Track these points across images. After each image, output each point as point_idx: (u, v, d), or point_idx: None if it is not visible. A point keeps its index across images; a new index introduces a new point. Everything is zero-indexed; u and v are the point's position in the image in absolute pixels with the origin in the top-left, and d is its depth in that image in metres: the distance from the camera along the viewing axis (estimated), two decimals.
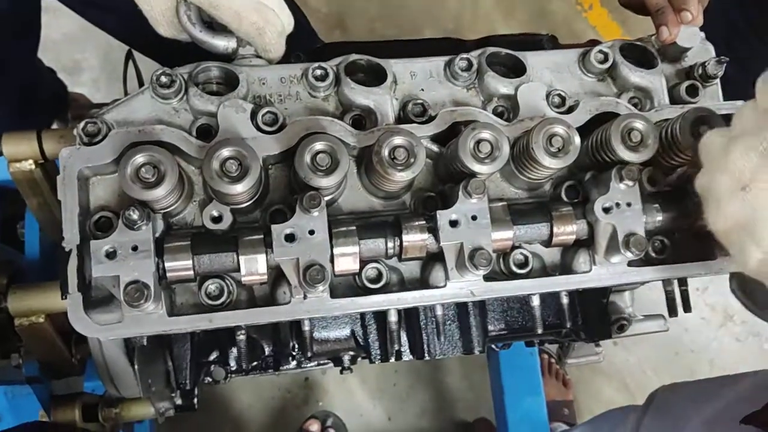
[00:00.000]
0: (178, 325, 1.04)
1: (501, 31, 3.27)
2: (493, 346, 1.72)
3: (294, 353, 1.45)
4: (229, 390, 2.72)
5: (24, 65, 2.02)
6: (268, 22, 1.12)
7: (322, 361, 1.63)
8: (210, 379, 1.56)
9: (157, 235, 1.03)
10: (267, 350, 1.52)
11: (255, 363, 1.53)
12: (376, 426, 2.80)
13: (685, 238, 1.18)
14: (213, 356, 1.50)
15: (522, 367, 2.38)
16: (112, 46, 1.75)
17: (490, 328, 1.46)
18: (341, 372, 1.58)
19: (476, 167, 1.05)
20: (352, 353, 1.47)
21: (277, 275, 1.11)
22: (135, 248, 0.98)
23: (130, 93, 1.14)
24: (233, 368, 1.50)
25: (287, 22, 1.16)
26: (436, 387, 2.88)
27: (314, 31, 2.29)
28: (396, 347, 1.21)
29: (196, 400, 1.61)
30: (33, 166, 1.37)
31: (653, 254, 1.16)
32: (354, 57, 1.18)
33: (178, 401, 1.58)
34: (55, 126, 2.48)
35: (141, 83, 1.66)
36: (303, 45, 1.44)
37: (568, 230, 1.10)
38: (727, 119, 1.11)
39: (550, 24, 3.35)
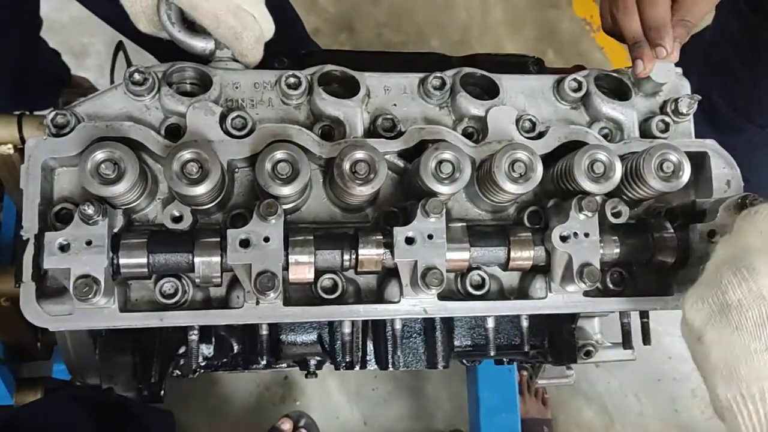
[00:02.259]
0: (129, 322, 1.05)
1: (508, 46, 3.28)
2: (462, 362, 1.72)
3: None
4: (207, 382, 2.73)
5: (22, 45, 2.03)
6: (246, 28, 1.13)
7: (290, 363, 1.64)
8: (179, 373, 1.57)
9: (115, 230, 1.04)
10: (236, 348, 1.53)
11: (225, 360, 1.53)
12: (351, 429, 2.80)
13: (643, 271, 1.18)
14: (182, 350, 1.50)
15: (499, 383, 2.39)
16: (119, 33, 1.76)
17: (456, 344, 1.45)
18: (306, 376, 1.58)
19: (436, 187, 1.05)
20: (318, 358, 1.47)
21: (233, 279, 1.12)
22: (89, 243, 0.98)
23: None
24: (202, 364, 1.50)
25: (267, 28, 1.17)
26: (415, 395, 2.87)
27: (308, 36, 2.29)
28: (348, 358, 1.21)
29: (163, 392, 1.61)
30: (12, 151, 1.39)
31: (611, 285, 1.17)
32: (329, 67, 1.19)
33: (145, 392, 1.59)
34: None
35: None
36: (294, 50, 1.44)
37: (525, 255, 1.10)
38: (693, 157, 1.12)
39: (558, 42, 3.33)
